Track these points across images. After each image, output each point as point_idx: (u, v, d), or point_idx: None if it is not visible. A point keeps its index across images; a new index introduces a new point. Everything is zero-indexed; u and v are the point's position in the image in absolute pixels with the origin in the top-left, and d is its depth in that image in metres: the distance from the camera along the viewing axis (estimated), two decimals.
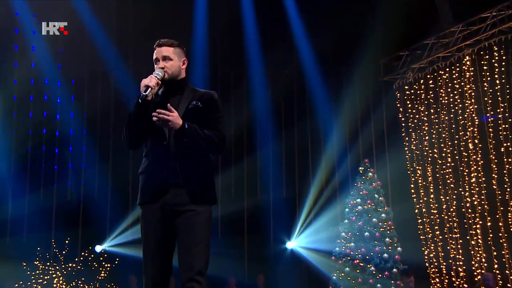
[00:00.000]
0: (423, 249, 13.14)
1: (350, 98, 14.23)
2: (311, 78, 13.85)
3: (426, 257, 13.04)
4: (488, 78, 12.12)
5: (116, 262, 10.66)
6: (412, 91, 13.69)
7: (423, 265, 12.97)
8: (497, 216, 11.75)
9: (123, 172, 12.05)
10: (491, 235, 11.86)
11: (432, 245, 13.05)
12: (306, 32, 13.55)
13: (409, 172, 13.53)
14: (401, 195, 13.55)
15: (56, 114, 13.17)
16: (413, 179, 13.46)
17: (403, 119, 13.78)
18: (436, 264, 12.92)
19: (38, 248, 10.03)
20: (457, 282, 12.36)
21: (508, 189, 11.65)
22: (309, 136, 14.58)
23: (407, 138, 13.68)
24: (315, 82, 13.89)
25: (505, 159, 11.70)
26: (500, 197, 11.76)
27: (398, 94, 13.92)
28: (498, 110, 11.92)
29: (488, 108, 12.08)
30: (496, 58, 11.94)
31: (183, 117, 4.11)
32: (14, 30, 12.63)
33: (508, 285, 11.39)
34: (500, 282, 11.53)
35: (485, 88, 12.15)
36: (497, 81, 11.94)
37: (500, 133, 11.81)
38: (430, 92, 13.33)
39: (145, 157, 4.22)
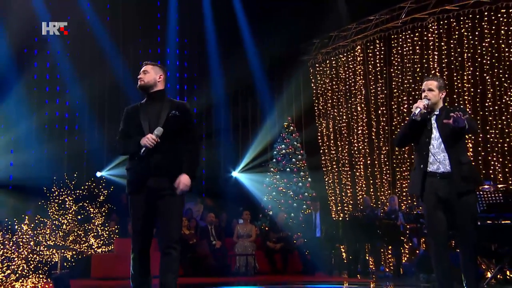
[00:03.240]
0: (324, 177, 13.38)
1: (279, 73, 14.24)
2: (253, 68, 13.71)
3: (326, 183, 13.35)
4: (372, 62, 12.49)
5: (112, 189, 10.53)
6: (321, 68, 13.80)
7: (325, 191, 13.24)
8: (374, 157, 12.24)
9: (115, 129, 11.84)
10: (369, 169, 12.34)
11: (330, 175, 13.30)
12: (252, 37, 13.42)
13: (317, 124, 13.76)
14: (307, 142, 13.68)
15: (66, 90, 12.87)
16: (319, 130, 13.73)
17: (313, 87, 13.95)
18: (332, 187, 13.21)
19: (54, 178, 9.72)
20: (346, 200, 12.82)
21: (382, 139, 12.13)
22: (249, 107, 14.63)
23: (316, 101, 13.87)
24: (257, 71, 13.78)
25: (381, 118, 12.21)
26: (376, 144, 12.23)
27: (311, 70, 14.05)
28: (378, 85, 12.34)
29: (371, 83, 12.47)
30: (377, 48, 12.38)
31: (165, 123, 3.92)
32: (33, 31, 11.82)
33: (379, 202, 11.89)
34: (374, 199, 11.96)
35: (370, 69, 12.50)
36: (377, 65, 12.37)
37: (379, 101, 12.31)
38: (333, 69, 13.43)
39: (130, 155, 4.06)
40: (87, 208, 9.73)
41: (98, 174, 12.79)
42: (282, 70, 14.29)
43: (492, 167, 10.23)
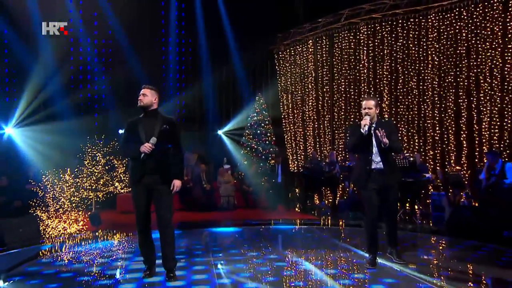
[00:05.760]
0: (284, 135, 13.47)
1: (253, 60, 14.12)
2: (235, 60, 13.56)
3: (285, 141, 13.46)
4: (319, 53, 12.58)
5: None
6: (282, 55, 13.74)
7: (285, 148, 13.42)
8: (320, 122, 12.53)
9: (130, 105, 11.31)
10: (316, 131, 12.60)
11: (289, 134, 13.34)
12: (233, 34, 13.22)
13: (280, 96, 13.77)
14: (272, 111, 13.47)
15: (94, 78, 12.75)
16: (281, 101, 13.72)
17: (277, 69, 13.90)
18: (289, 143, 13.39)
19: (88, 137, 9.36)
20: (299, 152, 13.03)
21: (326, 109, 12.38)
22: (231, 96, 14.52)
23: (279, 80, 13.84)
24: (238, 69, 13.70)
25: (325, 94, 12.42)
26: (321, 112, 12.47)
27: (276, 56, 13.97)
28: (324, 70, 12.40)
29: (319, 68, 12.57)
30: (324, 42, 12.49)
31: (158, 135, 3.85)
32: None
33: (322, 155, 12.16)
34: (319, 153, 12.21)
35: (318, 58, 12.62)
36: (324, 55, 12.48)
37: (324, 81, 12.49)
38: (291, 57, 13.46)
39: (131, 158, 3.96)
40: (112, 160, 9.62)
41: (120, 131, 12.33)
42: (255, 57, 14.21)
43: (400, 134, 10.81)
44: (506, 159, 8.94)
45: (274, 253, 5.20)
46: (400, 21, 10.88)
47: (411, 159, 8.97)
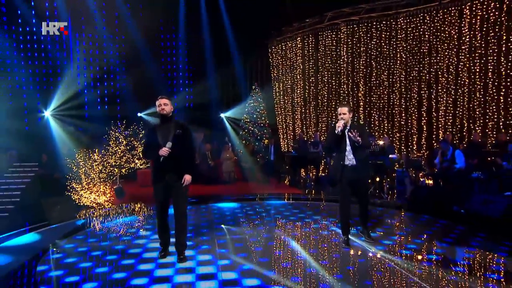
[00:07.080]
0: (276, 118, 13.44)
1: (251, 55, 13.84)
2: (235, 62, 13.38)
3: (277, 123, 13.59)
4: (306, 48, 12.38)
5: (148, 130, 10.35)
6: (275, 50, 13.54)
7: (277, 130, 13.26)
8: (306, 107, 12.43)
9: (147, 98, 11.00)
10: (303, 115, 12.54)
11: (281, 116, 13.40)
12: (235, 39, 13.04)
13: (273, 85, 13.60)
14: (266, 98, 12.99)
15: (117, 69, 12.60)
16: (273, 89, 13.54)
17: (270, 62, 13.72)
18: (280, 125, 13.37)
19: (112, 121, 9.01)
20: (288, 133, 13.03)
21: (312, 96, 12.29)
22: (231, 89, 14.45)
23: (271, 70, 13.67)
24: (237, 63, 13.43)
25: (311, 84, 12.30)
26: (308, 99, 12.37)
27: (270, 50, 13.78)
28: (310, 63, 12.24)
29: (306, 61, 12.35)
30: (310, 39, 12.26)
31: (173, 139, 3.77)
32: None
33: (308, 135, 12.14)
34: (305, 134, 12.16)
35: (305, 52, 12.41)
36: (310, 50, 12.27)
37: (310, 73, 12.35)
38: (282, 51, 13.26)
39: (153, 160, 3.90)
40: (132, 141, 9.44)
41: (139, 114, 12.65)
42: (253, 52, 13.94)
43: (373, 119, 10.80)
44: (457, 141, 9.00)
45: (267, 231, 5.16)
46: (374, 23, 10.68)
47: (382, 142, 8.96)
